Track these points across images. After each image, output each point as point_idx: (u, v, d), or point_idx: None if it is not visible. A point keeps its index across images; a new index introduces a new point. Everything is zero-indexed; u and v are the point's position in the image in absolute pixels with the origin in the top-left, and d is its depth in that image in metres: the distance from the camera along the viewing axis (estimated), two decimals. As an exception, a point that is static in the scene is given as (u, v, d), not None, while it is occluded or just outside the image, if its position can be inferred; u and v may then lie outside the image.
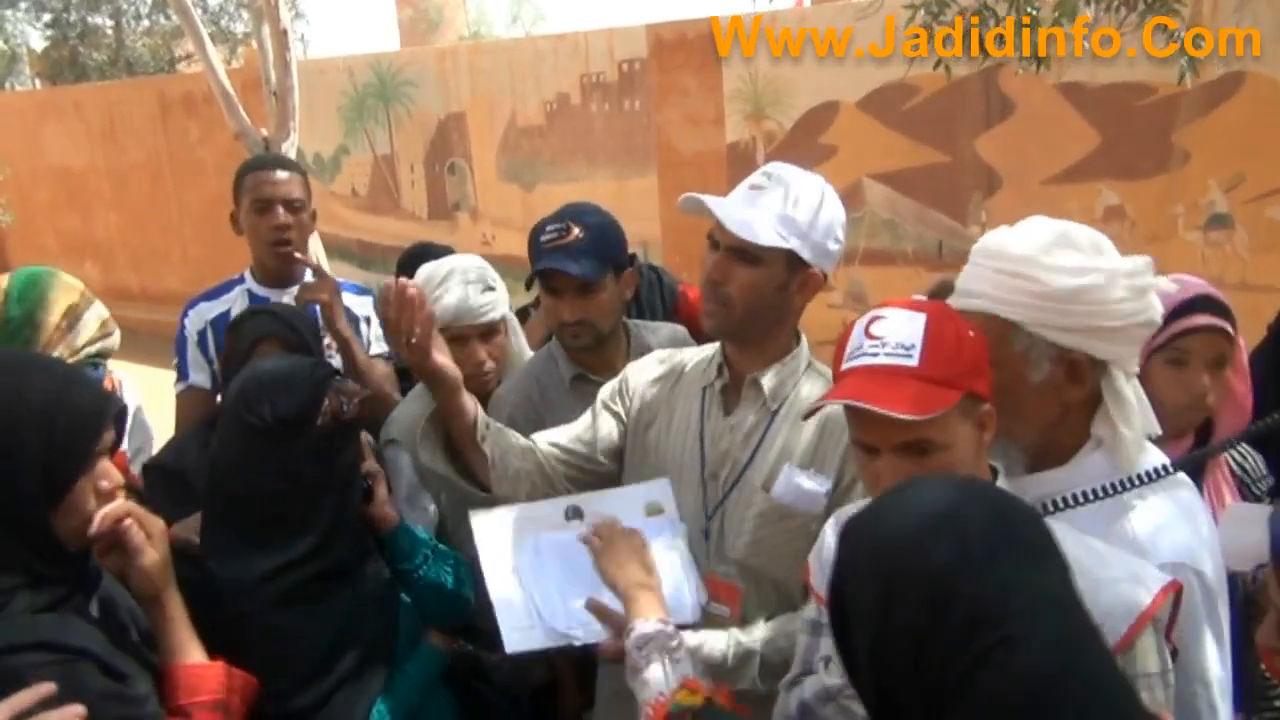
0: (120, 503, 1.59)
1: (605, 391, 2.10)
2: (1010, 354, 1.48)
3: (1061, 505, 1.43)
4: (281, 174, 2.84)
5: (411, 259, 3.40)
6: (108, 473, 1.55)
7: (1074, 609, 1.06)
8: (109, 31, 15.54)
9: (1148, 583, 1.33)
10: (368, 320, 2.92)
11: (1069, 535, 1.36)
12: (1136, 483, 1.42)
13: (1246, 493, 2.00)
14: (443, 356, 1.89)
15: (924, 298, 1.50)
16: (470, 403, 1.94)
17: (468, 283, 2.34)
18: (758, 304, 1.86)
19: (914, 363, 1.36)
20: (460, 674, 2.12)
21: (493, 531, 1.81)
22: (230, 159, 9.88)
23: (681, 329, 2.56)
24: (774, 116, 6.90)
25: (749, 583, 1.88)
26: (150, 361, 9.50)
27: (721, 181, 7.19)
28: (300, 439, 1.84)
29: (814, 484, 1.80)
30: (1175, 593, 1.35)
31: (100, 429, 1.53)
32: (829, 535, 1.61)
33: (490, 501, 1.95)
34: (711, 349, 2.03)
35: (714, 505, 1.92)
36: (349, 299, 2.86)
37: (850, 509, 1.52)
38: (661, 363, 2.09)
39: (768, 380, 1.91)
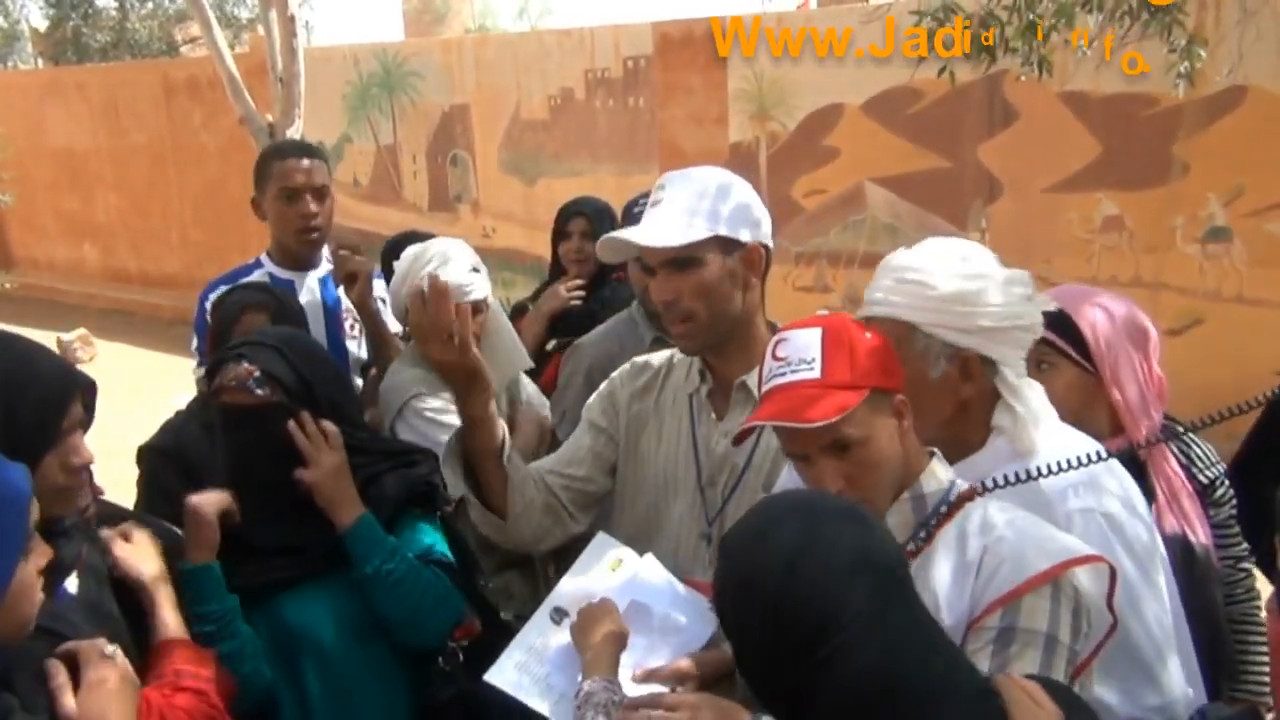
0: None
1: (594, 409, 2.10)
2: (912, 353, 1.63)
3: (982, 490, 1.55)
4: (308, 162, 2.85)
5: (395, 248, 3.41)
6: (77, 449, 1.51)
7: (900, 609, 1.19)
8: (113, 13, 15.51)
9: (1053, 554, 1.43)
10: (384, 301, 2.94)
11: (1004, 505, 1.52)
12: (1063, 467, 1.53)
13: (1192, 478, 2.09)
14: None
15: (826, 312, 1.62)
16: (499, 419, 1.95)
17: (454, 262, 2.39)
18: (717, 303, 1.85)
19: (816, 374, 1.51)
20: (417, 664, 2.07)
21: (513, 680, 1.76)
22: (232, 144, 9.89)
23: None
24: (778, 117, 6.91)
25: None
26: (146, 344, 9.54)
27: (723, 181, 7.19)
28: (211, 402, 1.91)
29: None
30: (1108, 569, 1.46)
31: (65, 404, 1.50)
32: None
33: (502, 531, 1.98)
34: None
35: (715, 512, 1.92)
36: None
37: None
38: (642, 371, 2.09)
39: (755, 382, 1.92)
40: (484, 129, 8.54)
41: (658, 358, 2.11)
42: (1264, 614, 2.08)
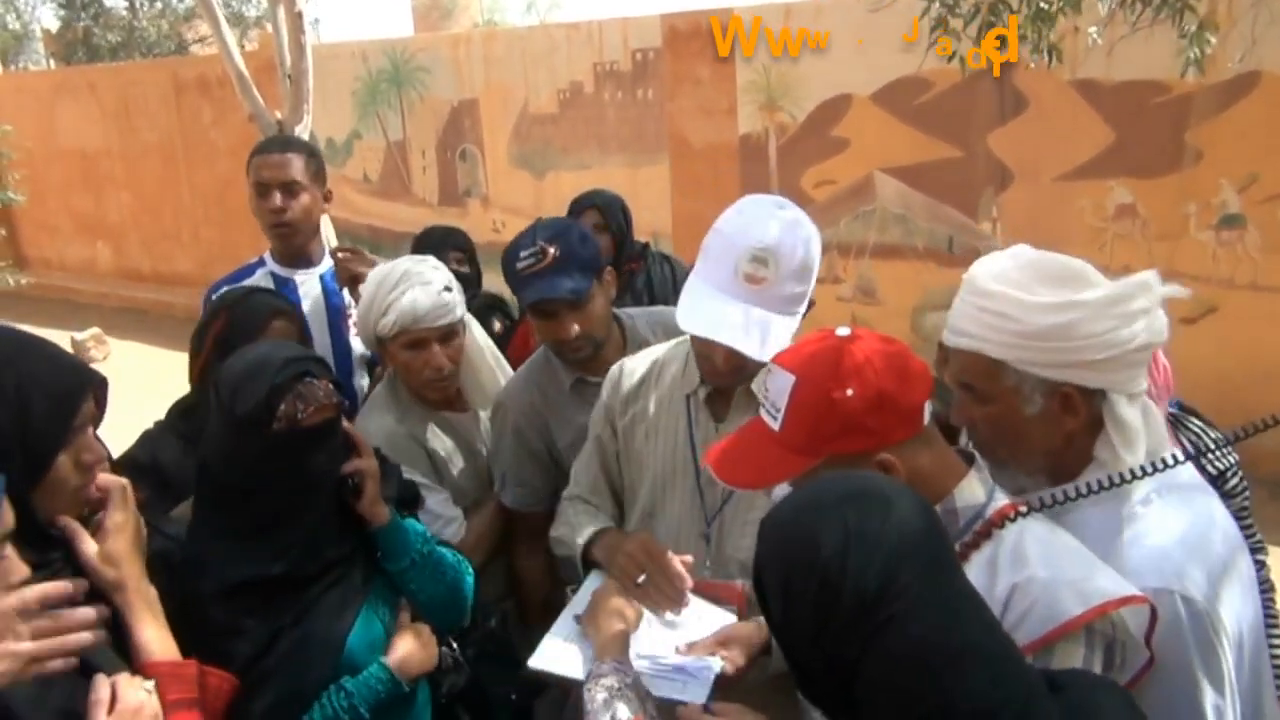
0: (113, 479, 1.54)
1: (597, 422, 2.10)
2: (1002, 389, 1.49)
3: (1052, 501, 1.45)
4: (280, 156, 2.82)
5: (423, 243, 3.41)
6: (90, 446, 1.49)
7: (952, 582, 1.19)
8: (123, 13, 15.58)
9: (1088, 595, 1.32)
10: None
11: (1040, 532, 1.42)
12: (1131, 476, 1.40)
13: (1201, 469, 2.04)
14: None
15: (847, 331, 1.49)
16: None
17: (425, 284, 2.25)
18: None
19: (776, 427, 1.47)
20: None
21: (556, 659, 1.79)
22: (243, 142, 9.88)
23: (670, 310, 2.53)
24: (787, 108, 6.89)
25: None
26: (160, 343, 9.58)
27: (733, 173, 7.19)
28: (256, 439, 1.75)
29: None
30: (1149, 608, 1.35)
31: (79, 401, 1.47)
32: None
33: None
34: (684, 349, 2.02)
35: (713, 511, 1.94)
36: None
37: None
38: (633, 371, 2.10)
39: (759, 385, 1.91)
40: (493, 123, 8.54)
41: (655, 350, 2.13)
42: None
